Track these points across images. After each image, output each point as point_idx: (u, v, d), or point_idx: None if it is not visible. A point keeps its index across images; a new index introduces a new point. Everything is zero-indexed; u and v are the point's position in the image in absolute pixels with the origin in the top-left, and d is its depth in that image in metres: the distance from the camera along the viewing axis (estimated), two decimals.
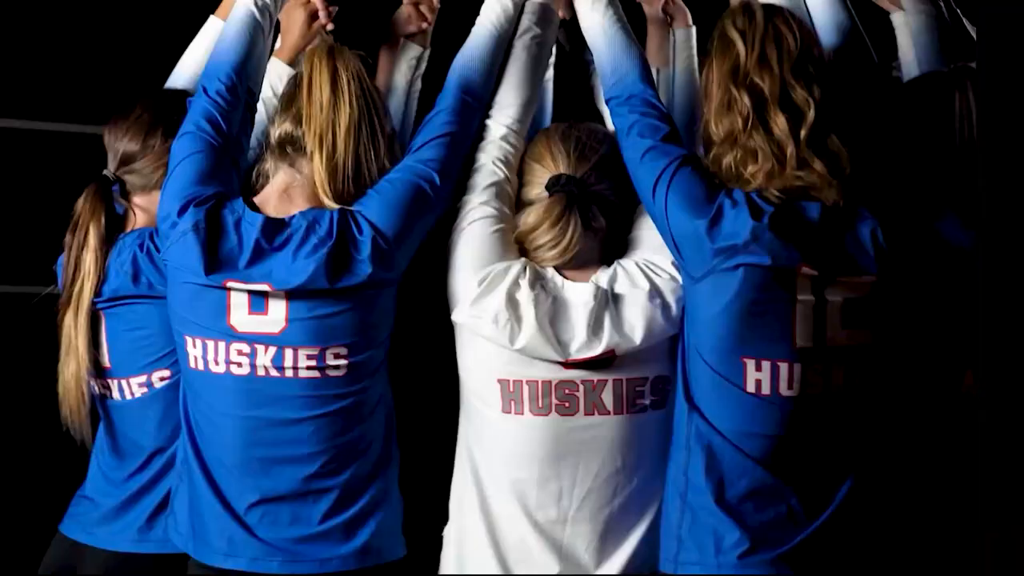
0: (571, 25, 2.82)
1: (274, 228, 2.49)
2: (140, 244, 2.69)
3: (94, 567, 2.74)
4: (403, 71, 2.92)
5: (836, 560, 2.47)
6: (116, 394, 2.76)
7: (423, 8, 2.93)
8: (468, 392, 2.57)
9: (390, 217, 2.51)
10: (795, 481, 2.46)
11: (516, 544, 2.53)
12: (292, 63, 2.86)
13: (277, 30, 2.85)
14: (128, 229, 2.77)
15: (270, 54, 2.83)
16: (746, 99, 2.47)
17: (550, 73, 3.08)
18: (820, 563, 2.46)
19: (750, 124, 2.47)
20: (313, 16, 2.84)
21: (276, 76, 2.81)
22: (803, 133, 2.46)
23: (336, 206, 2.52)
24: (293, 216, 2.51)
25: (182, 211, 2.51)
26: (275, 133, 2.58)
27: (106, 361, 2.75)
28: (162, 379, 2.71)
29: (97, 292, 2.72)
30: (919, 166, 2.64)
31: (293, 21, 2.84)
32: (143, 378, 2.72)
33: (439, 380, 2.65)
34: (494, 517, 2.54)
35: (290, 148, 2.56)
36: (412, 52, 2.94)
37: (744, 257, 2.42)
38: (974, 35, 3.05)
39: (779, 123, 2.46)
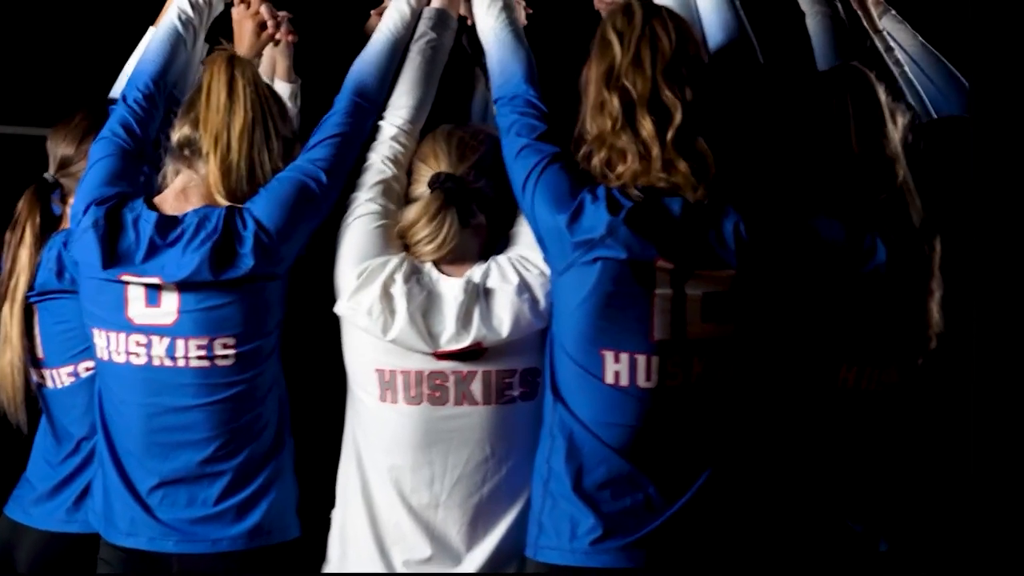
0: (473, 30, 2.92)
1: (168, 225, 2.65)
2: (65, 242, 2.87)
3: (29, 545, 2.93)
4: None
5: (690, 548, 2.52)
6: (50, 383, 2.94)
7: None
8: (352, 381, 2.69)
9: (274, 213, 2.64)
10: (653, 470, 2.52)
11: (392, 528, 2.64)
12: None
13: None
14: (60, 228, 2.95)
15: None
16: (616, 101, 2.54)
17: None
18: (674, 550, 2.51)
19: (619, 125, 2.54)
20: (262, 26, 2.99)
21: None
22: (669, 135, 2.52)
23: (228, 204, 2.66)
24: (186, 213, 2.66)
25: (86, 210, 2.68)
26: (175, 136, 2.74)
27: (40, 352, 2.94)
28: (87, 369, 2.88)
29: (31, 286, 2.90)
30: (793, 164, 2.68)
31: (244, 31, 3.02)
32: (71, 368, 2.91)
33: (339, 368, 2.76)
34: (374, 501, 2.65)
35: (187, 150, 2.71)
36: None
37: (601, 251, 2.49)
38: (875, 36, 3.07)
39: (646, 125, 2.52)
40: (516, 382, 2.61)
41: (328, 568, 2.72)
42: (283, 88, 3.08)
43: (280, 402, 2.72)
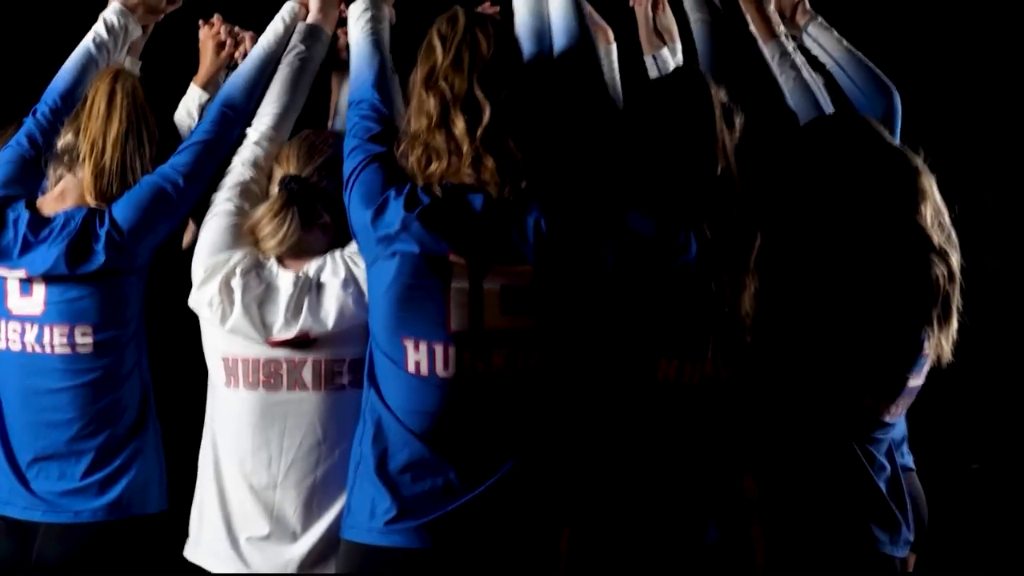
0: None
1: (41, 224, 2.91)
2: None
3: None
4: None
5: (484, 534, 2.62)
6: None
7: None
8: (208, 368, 2.88)
9: (128, 213, 2.87)
10: (454, 457, 2.63)
11: (238, 506, 2.82)
12: (206, 87, 3.29)
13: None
14: None
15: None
16: (433, 101, 2.68)
17: None
18: (466, 535, 2.61)
19: (434, 123, 2.68)
20: (220, 46, 3.25)
21: (192, 99, 3.28)
22: (478, 133, 2.64)
23: (95, 204, 2.90)
24: (58, 213, 2.91)
25: None
26: (59, 143, 2.99)
27: None
28: None
29: None
30: (615, 160, 2.76)
31: (205, 50, 3.30)
32: None
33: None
34: (223, 480, 2.84)
35: (68, 156, 2.96)
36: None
37: (398, 245, 2.63)
38: (768, 42, 3.11)
39: (459, 124, 2.65)
40: (345, 370, 2.76)
41: (189, 542, 2.91)
42: None
43: (143, 387, 2.93)
